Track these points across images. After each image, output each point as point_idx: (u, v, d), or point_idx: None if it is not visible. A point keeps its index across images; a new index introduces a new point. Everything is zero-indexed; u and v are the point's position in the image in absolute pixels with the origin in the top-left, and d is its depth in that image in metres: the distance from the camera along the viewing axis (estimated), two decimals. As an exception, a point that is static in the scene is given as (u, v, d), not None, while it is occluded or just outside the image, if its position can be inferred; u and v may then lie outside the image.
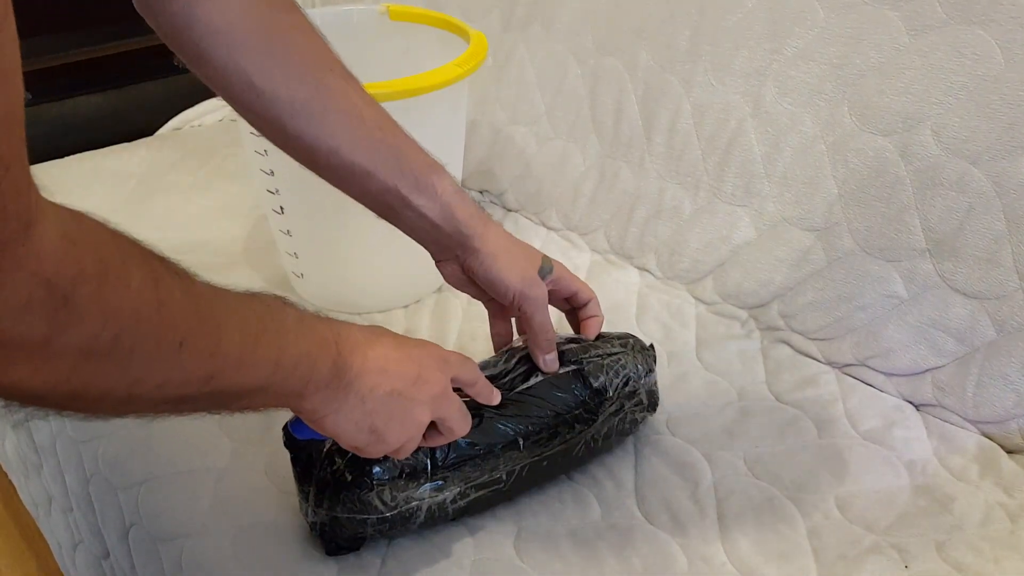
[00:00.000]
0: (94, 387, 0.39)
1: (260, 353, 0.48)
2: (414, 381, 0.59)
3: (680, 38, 1.05)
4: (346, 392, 0.55)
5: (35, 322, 0.34)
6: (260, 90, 0.62)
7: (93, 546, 0.92)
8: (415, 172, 0.66)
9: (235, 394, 0.48)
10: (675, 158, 1.05)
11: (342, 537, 0.68)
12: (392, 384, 0.57)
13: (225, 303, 0.47)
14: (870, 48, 0.89)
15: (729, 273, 0.99)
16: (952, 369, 0.83)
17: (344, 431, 0.57)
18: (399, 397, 0.58)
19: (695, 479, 0.77)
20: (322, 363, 0.53)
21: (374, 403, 0.56)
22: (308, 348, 0.52)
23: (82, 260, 0.36)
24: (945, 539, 0.71)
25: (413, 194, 0.66)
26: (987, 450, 0.80)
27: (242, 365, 0.47)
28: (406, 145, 0.67)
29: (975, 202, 0.82)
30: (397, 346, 0.60)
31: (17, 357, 0.35)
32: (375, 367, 0.56)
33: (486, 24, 1.27)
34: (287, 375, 0.50)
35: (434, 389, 0.60)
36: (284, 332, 0.50)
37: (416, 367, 0.59)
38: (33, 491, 1.10)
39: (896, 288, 0.86)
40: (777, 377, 0.90)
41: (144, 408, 0.44)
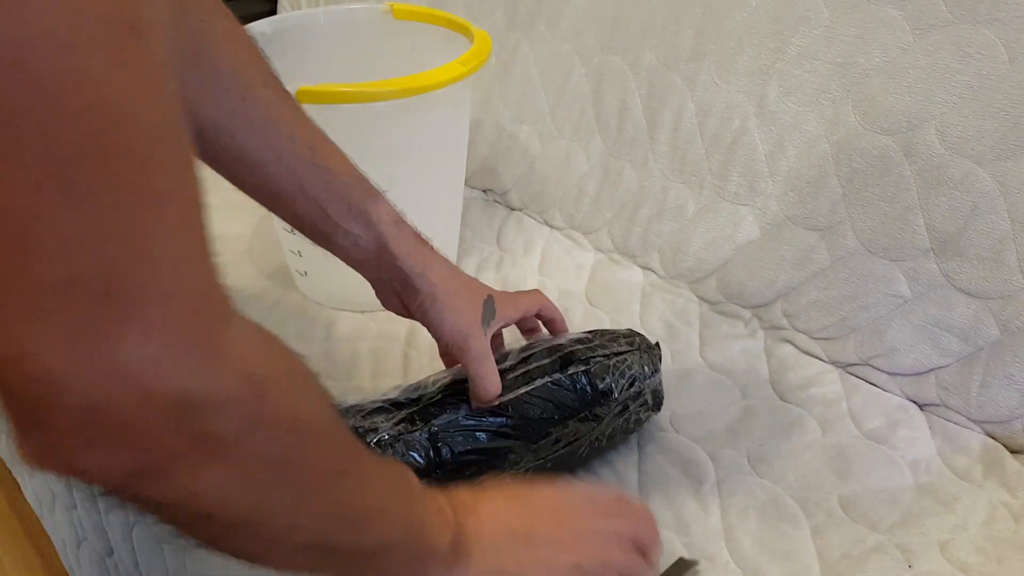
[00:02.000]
0: (266, 505, 0.37)
1: (396, 508, 0.46)
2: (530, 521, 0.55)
3: (684, 37, 1.05)
4: (467, 557, 0.51)
5: (236, 418, 0.32)
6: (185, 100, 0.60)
7: (97, 544, 0.92)
8: (347, 198, 0.61)
9: (372, 550, 0.45)
10: (679, 157, 1.05)
11: None
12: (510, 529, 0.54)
13: (365, 450, 0.45)
14: (874, 47, 0.89)
15: (733, 272, 0.99)
16: (956, 369, 0.83)
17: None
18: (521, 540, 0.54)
19: (699, 477, 0.77)
20: (444, 532, 0.50)
21: (498, 557, 0.53)
22: (432, 515, 0.50)
23: (277, 359, 0.35)
24: (949, 539, 0.71)
25: (344, 220, 0.61)
26: (991, 450, 0.80)
27: (385, 515, 0.45)
28: (340, 169, 0.62)
29: (979, 201, 0.81)
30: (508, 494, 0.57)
31: (212, 457, 0.32)
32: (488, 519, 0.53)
33: (490, 23, 1.27)
34: (414, 539, 0.47)
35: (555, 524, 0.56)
36: (414, 494, 0.49)
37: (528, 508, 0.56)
38: (37, 489, 1.10)
39: (900, 287, 0.86)
40: (781, 376, 0.90)
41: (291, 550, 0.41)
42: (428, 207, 0.91)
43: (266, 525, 0.38)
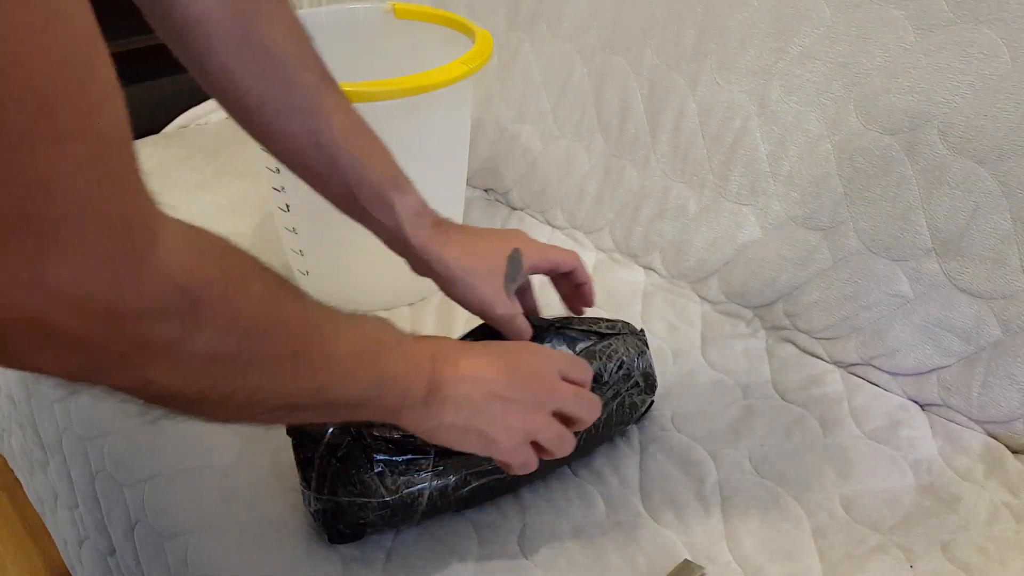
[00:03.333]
0: (218, 391, 0.42)
1: (363, 370, 0.51)
2: (507, 379, 0.60)
3: (686, 37, 1.05)
4: (442, 404, 0.57)
5: (171, 325, 0.36)
6: (232, 78, 0.62)
7: (99, 542, 0.92)
8: (374, 185, 0.65)
9: (342, 405, 0.51)
10: (680, 157, 1.05)
11: (344, 523, 0.68)
12: (487, 387, 0.59)
13: (332, 320, 0.49)
14: (876, 47, 0.89)
15: (734, 272, 0.99)
16: (958, 369, 0.83)
17: (453, 440, 0.59)
18: (496, 399, 0.59)
19: (700, 477, 0.77)
20: (418, 381, 0.55)
21: (471, 409, 0.58)
22: (405, 368, 0.54)
23: (208, 268, 0.38)
24: (950, 539, 0.71)
25: (370, 206, 0.66)
26: (993, 450, 0.80)
27: (348, 379, 0.50)
28: (371, 156, 0.66)
29: (981, 201, 0.81)
30: (490, 350, 0.62)
31: (154, 357, 0.37)
32: (468, 375, 0.58)
33: (492, 22, 1.27)
34: (386, 392, 0.53)
35: (532, 383, 0.61)
36: (384, 351, 0.53)
37: (508, 365, 0.61)
38: (39, 488, 1.10)
39: (902, 287, 0.86)
40: (782, 376, 0.90)
41: (261, 414, 0.46)
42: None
43: (224, 402, 0.42)
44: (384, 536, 0.71)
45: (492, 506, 0.74)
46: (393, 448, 0.66)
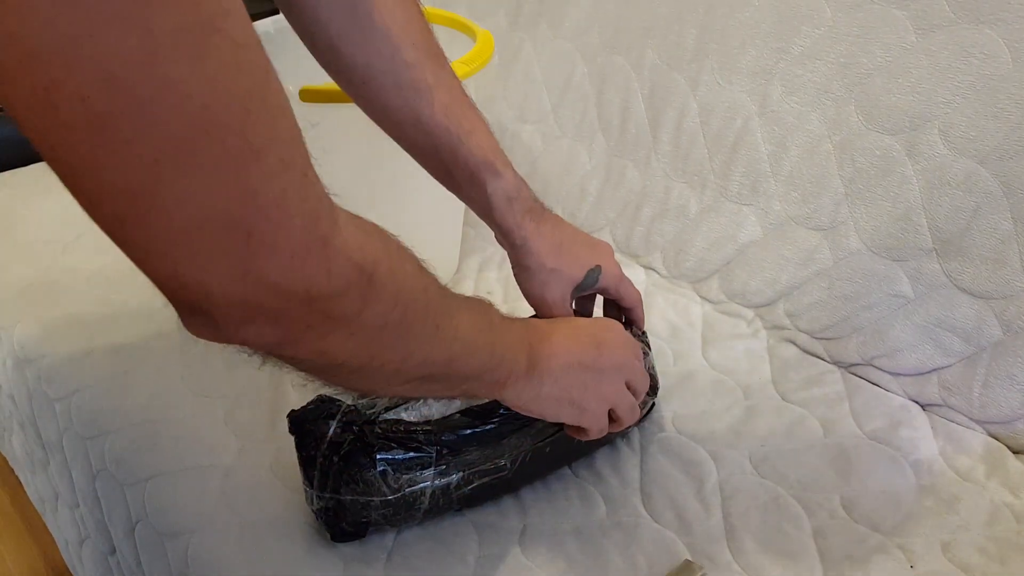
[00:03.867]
0: (376, 360, 0.47)
1: (482, 344, 0.55)
2: (597, 352, 0.64)
3: (687, 37, 1.05)
4: (540, 377, 0.60)
5: (350, 300, 0.41)
6: (339, 51, 0.65)
7: (99, 542, 0.92)
8: (469, 166, 0.68)
9: (462, 377, 0.55)
10: (681, 157, 1.05)
11: (347, 522, 0.68)
12: (577, 358, 0.63)
13: (456, 298, 0.54)
14: (877, 47, 0.89)
15: (735, 272, 0.99)
16: (958, 369, 0.83)
17: (548, 411, 0.63)
18: (586, 368, 0.63)
19: (701, 477, 0.77)
20: (520, 355, 0.59)
21: (566, 379, 0.62)
22: (511, 343, 0.58)
23: (376, 247, 0.43)
24: (951, 539, 0.71)
25: (465, 185, 0.69)
26: (993, 450, 0.80)
27: (470, 352, 0.54)
28: (469, 135, 0.68)
29: (982, 202, 0.81)
30: (577, 326, 0.66)
31: (334, 330, 0.41)
32: (560, 349, 0.62)
33: (493, 22, 1.27)
34: (496, 366, 0.57)
35: (617, 356, 0.66)
36: (495, 328, 0.57)
37: (595, 340, 0.65)
38: (40, 487, 1.10)
39: (902, 288, 0.86)
40: (783, 376, 0.90)
41: (402, 383, 0.51)
42: (430, 206, 0.91)
43: (379, 370, 0.48)
44: (385, 536, 0.71)
45: (493, 506, 0.74)
46: (396, 446, 0.66)
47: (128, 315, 0.99)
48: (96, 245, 1.14)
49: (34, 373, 0.96)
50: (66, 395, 0.91)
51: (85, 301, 1.02)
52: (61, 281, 1.07)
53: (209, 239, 0.35)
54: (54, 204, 1.23)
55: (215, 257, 0.36)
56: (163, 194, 0.33)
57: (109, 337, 0.96)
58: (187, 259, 0.36)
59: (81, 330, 0.98)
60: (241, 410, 0.85)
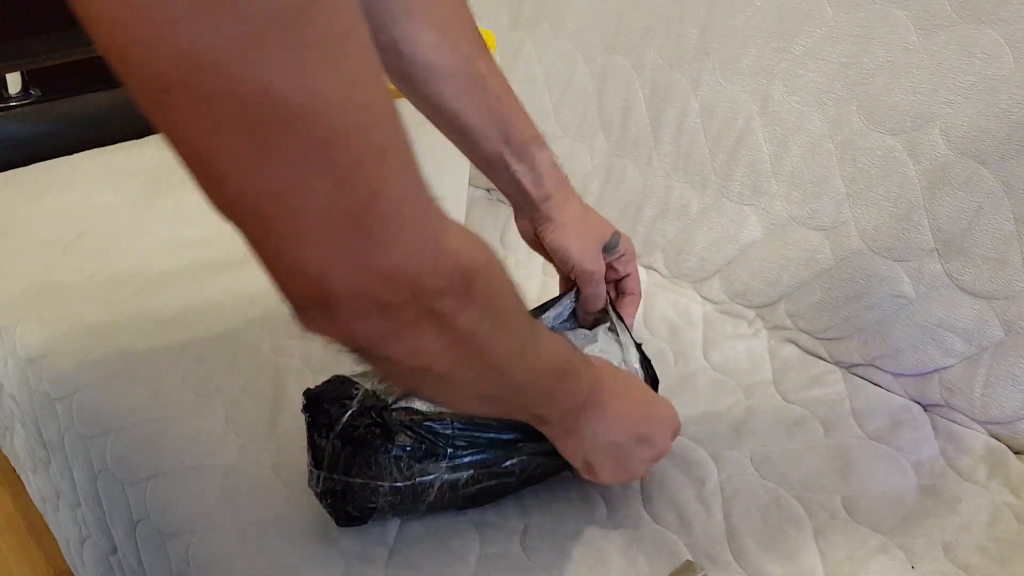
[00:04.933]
0: (462, 365, 0.48)
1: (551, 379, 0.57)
2: (639, 441, 0.67)
3: (688, 37, 1.05)
4: (579, 436, 0.63)
5: (452, 299, 0.43)
6: (401, 52, 0.69)
7: (101, 541, 0.92)
8: (519, 142, 0.74)
9: (519, 405, 0.58)
10: (682, 157, 1.05)
11: (353, 505, 0.68)
12: (616, 437, 0.65)
13: (543, 329, 0.57)
14: (879, 47, 0.89)
15: (736, 272, 0.99)
16: (960, 369, 0.83)
17: (569, 457, 0.66)
18: (618, 449, 0.66)
19: (701, 478, 0.77)
20: (572, 408, 0.61)
21: (593, 445, 0.64)
22: (573, 391, 0.60)
23: (479, 254, 0.45)
24: (952, 540, 0.71)
25: (514, 161, 0.75)
26: (995, 451, 0.80)
27: (539, 384, 0.56)
28: (516, 116, 0.74)
29: (984, 202, 0.81)
30: (636, 400, 0.68)
31: (430, 327, 0.43)
32: (606, 418, 0.63)
33: (494, 22, 1.27)
34: (551, 405, 0.59)
35: (657, 447, 0.69)
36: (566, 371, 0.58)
37: (643, 428, 0.67)
38: (41, 487, 1.10)
39: (904, 288, 0.86)
40: (784, 376, 0.90)
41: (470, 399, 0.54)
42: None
43: (458, 379, 0.49)
44: (386, 534, 0.71)
45: (494, 506, 0.74)
46: (413, 434, 0.66)
47: (129, 315, 0.99)
48: (97, 245, 1.14)
49: (35, 372, 0.96)
50: (67, 394, 0.91)
51: (86, 301, 1.02)
52: (62, 281, 1.07)
53: (337, 235, 0.38)
54: (55, 204, 1.24)
55: (340, 252, 0.38)
56: (301, 193, 0.36)
57: (110, 337, 0.96)
58: (315, 254, 0.38)
59: (82, 330, 0.98)
60: (242, 410, 0.85)
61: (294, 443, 0.78)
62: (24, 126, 1.47)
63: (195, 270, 1.07)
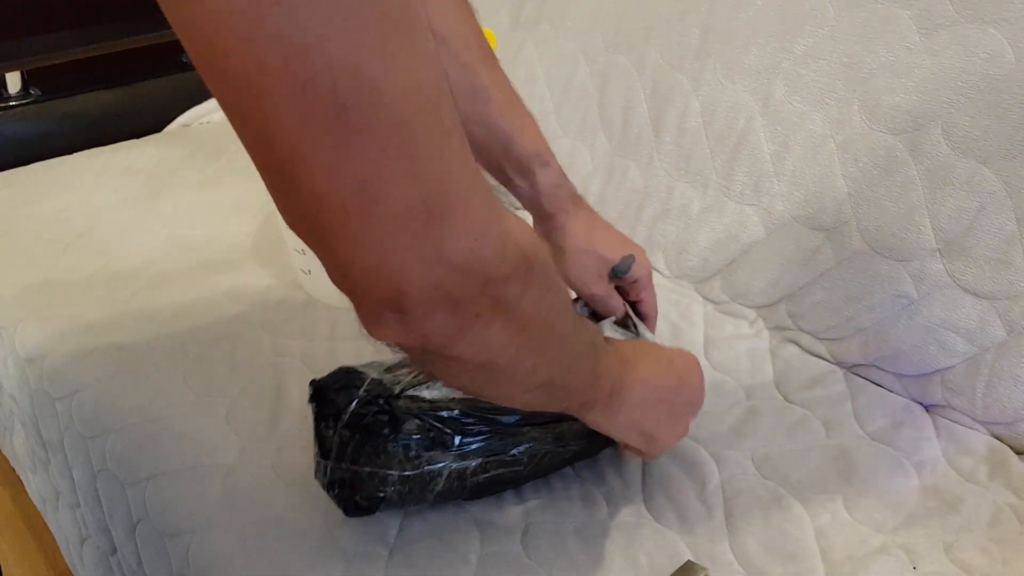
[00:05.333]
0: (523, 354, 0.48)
1: (590, 360, 0.57)
2: (676, 390, 0.68)
3: (689, 36, 1.05)
4: (620, 405, 0.62)
5: (517, 284, 0.43)
6: None
7: (100, 542, 0.92)
8: (520, 158, 0.73)
9: (568, 390, 0.57)
10: (684, 156, 1.05)
11: (361, 495, 0.67)
12: (656, 394, 0.65)
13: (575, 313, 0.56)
14: (880, 47, 0.89)
15: (738, 272, 0.99)
16: (962, 369, 0.83)
17: (619, 435, 0.66)
18: (664, 404, 0.66)
19: (703, 478, 0.77)
20: (607, 381, 0.60)
21: (642, 412, 0.65)
22: (607, 366, 0.60)
23: (532, 237, 0.45)
24: (954, 540, 0.70)
25: (515, 177, 0.74)
26: (996, 451, 0.80)
27: (584, 364, 0.56)
28: (521, 130, 0.73)
29: (986, 202, 0.81)
30: (660, 357, 0.69)
31: (497, 316, 0.43)
32: (642, 381, 0.64)
33: (495, 21, 1.27)
34: (592, 385, 0.59)
35: (693, 394, 0.70)
36: (599, 348, 0.58)
37: (676, 378, 0.68)
38: (41, 487, 1.10)
39: (906, 288, 0.86)
40: (785, 377, 0.90)
41: (523, 392, 0.53)
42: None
43: (519, 370, 0.49)
44: (387, 533, 0.71)
45: (495, 505, 0.74)
46: (420, 423, 0.66)
47: (129, 314, 0.99)
48: (97, 245, 1.14)
49: (35, 372, 0.96)
50: (67, 394, 0.91)
51: (86, 300, 1.02)
52: (62, 280, 1.07)
53: (413, 225, 0.37)
54: (54, 204, 1.24)
55: (415, 244, 0.38)
56: (383, 183, 0.36)
57: (110, 336, 0.96)
58: (391, 248, 0.38)
59: (82, 329, 0.98)
60: (242, 409, 0.85)
61: (294, 443, 0.78)
62: (24, 126, 1.47)
63: (195, 270, 1.06)
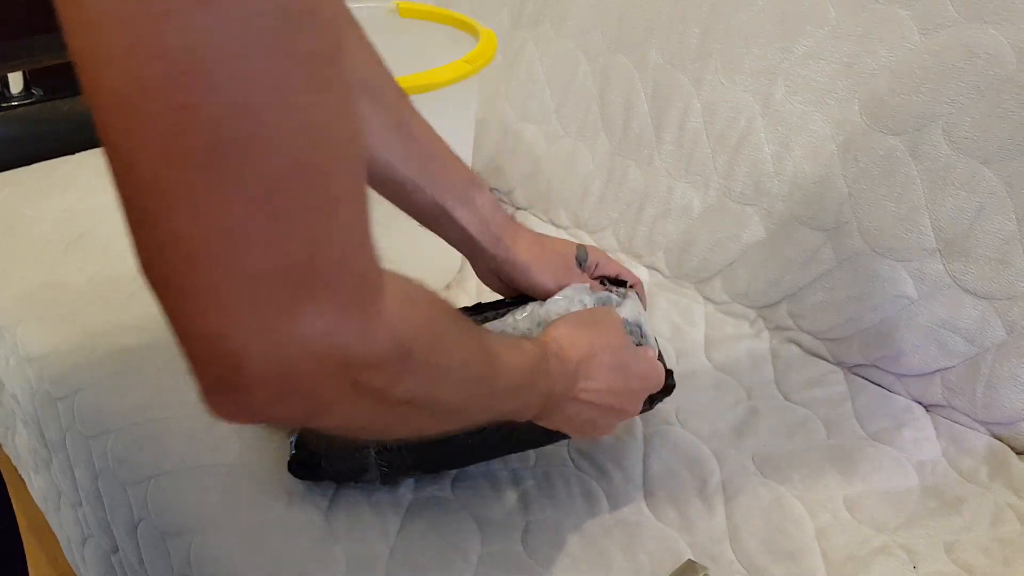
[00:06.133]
0: (404, 425, 0.47)
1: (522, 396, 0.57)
2: (622, 392, 0.66)
3: (690, 36, 1.05)
4: (563, 411, 0.63)
5: (384, 374, 0.39)
6: None
7: (102, 541, 0.92)
8: (458, 187, 0.70)
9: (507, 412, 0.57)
10: (685, 156, 1.05)
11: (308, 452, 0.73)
12: (604, 400, 0.65)
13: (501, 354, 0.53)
14: (881, 47, 0.89)
15: (738, 272, 0.99)
16: (962, 370, 0.83)
17: (566, 430, 0.66)
18: (610, 410, 0.66)
19: (703, 476, 0.77)
20: (550, 396, 0.60)
21: (587, 416, 0.65)
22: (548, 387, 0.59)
23: (418, 320, 0.41)
24: (954, 540, 0.71)
25: (456, 208, 0.70)
26: (997, 451, 0.80)
27: (509, 401, 0.56)
28: (450, 160, 0.70)
29: (986, 202, 0.81)
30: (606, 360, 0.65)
31: (362, 400, 0.39)
32: (589, 393, 0.63)
33: (496, 21, 1.27)
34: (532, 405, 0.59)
35: (637, 391, 0.69)
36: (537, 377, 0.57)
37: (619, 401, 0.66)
38: (43, 486, 1.10)
39: (906, 288, 0.86)
40: (786, 376, 0.90)
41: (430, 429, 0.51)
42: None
43: (404, 431, 0.48)
44: (387, 532, 0.71)
45: (496, 503, 0.74)
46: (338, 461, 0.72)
47: (130, 314, 0.99)
48: (98, 245, 1.14)
49: (37, 372, 0.96)
50: (69, 394, 0.91)
51: (87, 300, 1.02)
52: (63, 281, 1.07)
53: (269, 292, 0.33)
54: (56, 204, 1.24)
55: (265, 314, 0.33)
56: (248, 236, 0.32)
57: (112, 336, 0.96)
58: (238, 314, 0.33)
59: (84, 329, 0.98)
60: (244, 409, 0.85)
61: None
62: (26, 126, 1.47)
63: (197, 270, 1.06)
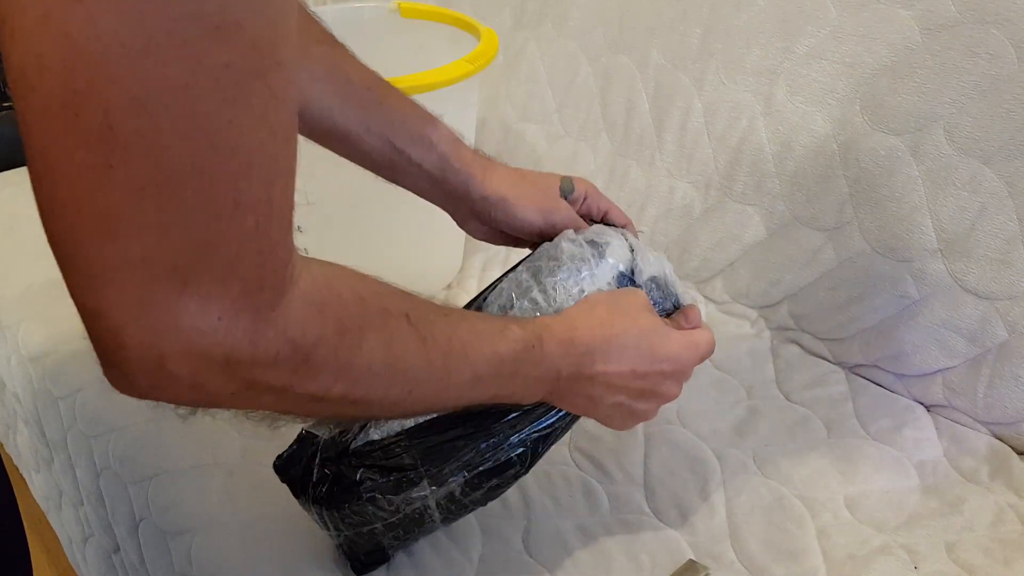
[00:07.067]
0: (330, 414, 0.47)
1: (490, 387, 0.53)
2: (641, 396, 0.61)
3: (691, 37, 1.05)
4: (566, 395, 0.58)
5: (280, 374, 0.39)
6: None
7: (103, 540, 0.92)
8: (408, 125, 0.65)
9: (482, 400, 0.54)
10: (686, 157, 1.05)
11: (364, 552, 0.66)
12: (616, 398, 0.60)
13: (475, 343, 0.50)
14: (882, 47, 0.89)
15: (739, 272, 0.99)
16: (963, 370, 0.83)
17: (582, 413, 0.62)
18: (621, 407, 0.61)
19: (704, 476, 0.77)
20: (551, 383, 0.56)
21: (596, 412, 0.61)
22: (538, 376, 0.55)
23: (324, 325, 0.40)
24: (955, 540, 0.71)
25: (409, 147, 0.65)
26: (998, 451, 0.80)
27: (474, 394, 0.52)
28: (398, 101, 0.66)
29: (987, 202, 0.81)
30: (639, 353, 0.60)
31: (262, 395, 0.40)
32: (608, 378, 0.58)
33: (497, 21, 1.27)
34: (520, 392, 0.56)
35: (663, 401, 0.63)
36: (519, 368, 0.54)
37: (648, 384, 0.61)
38: (44, 485, 1.10)
39: (907, 288, 0.86)
40: (787, 376, 0.90)
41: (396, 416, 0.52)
42: (434, 205, 0.91)
43: (346, 417, 0.47)
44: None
45: (497, 503, 0.74)
46: (376, 471, 0.61)
47: (132, 313, 0.99)
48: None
49: (38, 371, 0.96)
50: (70, 393, 0.91)
51: (89, 299, 1.02)
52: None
53: (144, 278, 0.33)
54: (58, 202, 1.24)
55: (143, 301, 0.33)
56: (130, 222, 0.32)
57: (113, 335, 0.96)
58: (116, 299, 0.33)
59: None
60: (245, 409, 0.85)
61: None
62: (27, 125, 1.47)
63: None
